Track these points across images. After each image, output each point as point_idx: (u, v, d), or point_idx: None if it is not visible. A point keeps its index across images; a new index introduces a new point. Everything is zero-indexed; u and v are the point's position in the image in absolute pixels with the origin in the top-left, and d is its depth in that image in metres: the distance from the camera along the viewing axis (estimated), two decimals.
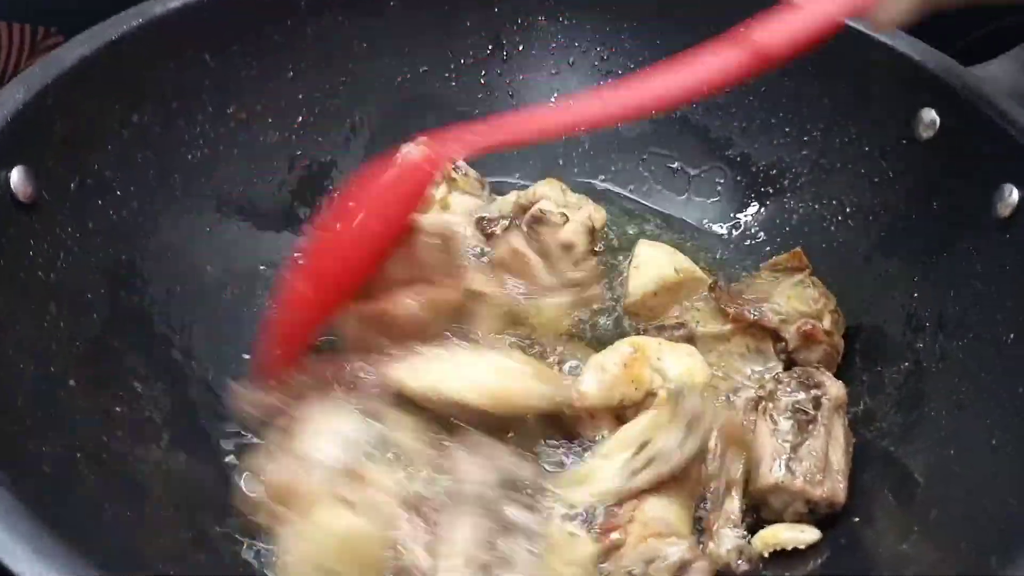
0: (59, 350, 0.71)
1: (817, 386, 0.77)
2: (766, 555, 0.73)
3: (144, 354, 0.79)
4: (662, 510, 0.70)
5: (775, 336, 0.83)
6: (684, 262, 0.90)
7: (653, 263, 0.90)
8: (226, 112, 0.94)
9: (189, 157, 0.91)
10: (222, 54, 0.92)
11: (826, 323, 0.83)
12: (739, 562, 0.72)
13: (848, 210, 0.94)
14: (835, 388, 0.78)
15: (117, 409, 0.73)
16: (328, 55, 1.01)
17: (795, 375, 0.79)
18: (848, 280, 0.90)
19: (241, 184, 0.96)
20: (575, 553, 0.67)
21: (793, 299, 0.84)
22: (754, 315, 0.82)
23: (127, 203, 0.84)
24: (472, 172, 0.99)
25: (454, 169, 0.95)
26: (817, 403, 0.76)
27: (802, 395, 0.77)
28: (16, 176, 0.70)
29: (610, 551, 0.68)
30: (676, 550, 0.66)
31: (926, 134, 0.85)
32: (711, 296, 0.86)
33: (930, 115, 0.85)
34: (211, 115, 0.93)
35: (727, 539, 0.72)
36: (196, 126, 0.92)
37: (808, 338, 0.82)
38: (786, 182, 1.00)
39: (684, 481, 0.72)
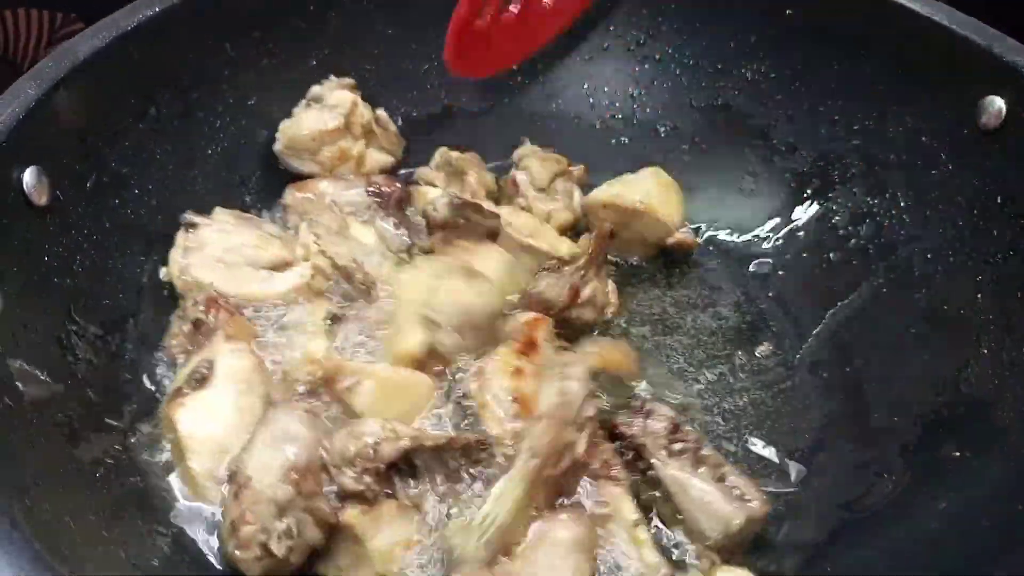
0: (75, 361, 0.68)
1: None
2: None
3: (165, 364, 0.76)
4: None
5: None
6: (664, 204, 0.92)
7: (630, 187, 0.93)
8: (247, 103, 0.91)
9: (209, 151, 0.88)
10: (242, 42, 0.89)
11: None
12: None
13: (903, 204, 0.88)
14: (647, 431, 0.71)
15: (139, 426, 0.70)
16: (352, 42, 0.97)
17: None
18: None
19: (264, 178, 0.93)
20: None
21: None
22: None
23: (145, 201, 0.81)
24: (392, 127, 0.96)
25: (375, 122, 0.94)
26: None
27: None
28: (29, 177, 0.67)
29: None
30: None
31: (991, 123, 0.79)
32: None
33: (996, 103, 0.78)
34: (231, 106, 0.90)
35: None
36: (216, 118, 0.89)
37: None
38: (835, 175, 0.94)
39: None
